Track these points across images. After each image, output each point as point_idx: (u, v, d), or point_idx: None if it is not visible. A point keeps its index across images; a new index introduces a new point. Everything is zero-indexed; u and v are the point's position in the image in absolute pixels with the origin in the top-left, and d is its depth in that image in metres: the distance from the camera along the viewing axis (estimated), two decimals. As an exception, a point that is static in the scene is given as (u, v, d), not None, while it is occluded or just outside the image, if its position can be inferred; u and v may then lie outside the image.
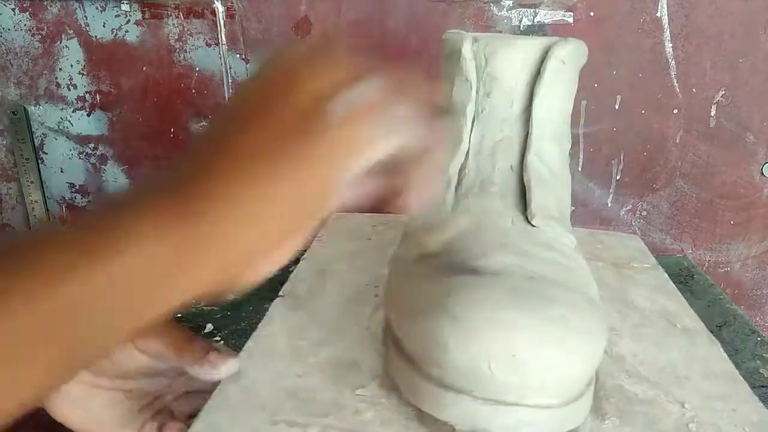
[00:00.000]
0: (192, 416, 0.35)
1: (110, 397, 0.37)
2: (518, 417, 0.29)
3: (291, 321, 0.43)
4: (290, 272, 0.50)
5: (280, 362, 0.38)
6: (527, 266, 0.34)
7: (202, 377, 0.34)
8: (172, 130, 0.76)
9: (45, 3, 0.72)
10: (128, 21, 0.72)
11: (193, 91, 0.74)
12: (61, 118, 0.77)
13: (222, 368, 0.34)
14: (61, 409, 0.36)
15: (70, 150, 0.78)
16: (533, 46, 0.41)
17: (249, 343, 0.40)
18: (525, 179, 0.40)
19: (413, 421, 0.32)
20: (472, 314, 0.29)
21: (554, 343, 0.29)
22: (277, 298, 0.45)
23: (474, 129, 0.42)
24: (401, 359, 0.33)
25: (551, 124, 0.42)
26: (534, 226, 0.38)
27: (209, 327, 0.63)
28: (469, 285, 0.31)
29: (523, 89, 0.42)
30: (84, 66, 0.74)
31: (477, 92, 0.41)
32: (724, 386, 0.37)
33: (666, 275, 0.52)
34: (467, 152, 0.41)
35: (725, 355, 0.41)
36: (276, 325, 0.42)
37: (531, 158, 0.41)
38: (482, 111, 0.41)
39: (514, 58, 0.41)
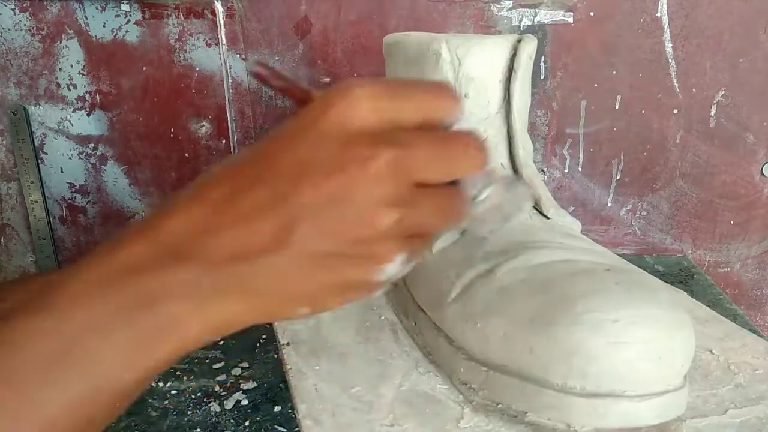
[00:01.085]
0: None
1: None
2: (666, 402, 0.30)
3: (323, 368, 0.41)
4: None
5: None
6: (585, 258, 0.36)
7: None
8: (172, 130, 0.76)
9: (45, 3, 0.72)
10: (128, 21, 0.72)
11: (193, 91, 0.74)
12: (61, 118, 0.77)
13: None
14: None
15: (70, 150, 0.78)
16: (501, 44, 0.42)
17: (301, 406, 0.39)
18: (525, 175, 0.41)
19: None
20: (610, 316, 0.29)
21: (682, 328, 0.30)
22: (286, 347, 0.43)
23: None
24: (508, 377, 0.32)
25: (523, 117, 0.43)
26: (548, 218, 0.41)
27: (209, 327, 0.63)
28: (580, 290, 0.31)
29: (497, 87, 0.42)
30: (84, 66, 0.74)
31: None
32: (722, 328, 0.43)
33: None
34: None
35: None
36: (311, 378, 0.38)
37: (521, 153, 0.42)
38: (461, 113, 0.41)
39: (487, 58, 0.42)
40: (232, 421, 0.47)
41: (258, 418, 0.47)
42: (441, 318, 0.37)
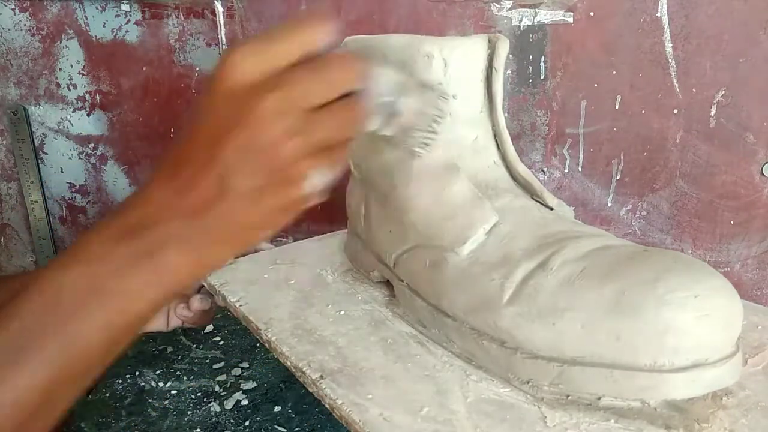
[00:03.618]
0: None
1: None
2: (735, 362, 0.32)
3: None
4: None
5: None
6: (616, 242, 0.38)
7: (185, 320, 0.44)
8: (172, 130, 0.76)
9: (45, 3, 0.72)
10: (128, 21, 0.72)
11: (193, 91, 0.74)
12: (61, 118, 0.77)
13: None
14: None
15: (70, 150, 0.78)
16: (479, 44, 0.42)
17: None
18: (521, 171, 0.43)
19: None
20: (691, 292, 0.31)
21: (736, 293, 0.33)
22: (322, 380, 0.39)
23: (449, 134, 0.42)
24: (588, 367, 0.33)
25: (503, 113, 0.44)
26: (552, 209, 0.42)
27: (209, 327, 0.63)
28: (651, 273, 0.33)
29: (480, 87, 0.43)
30: (84, 66, 0.74)
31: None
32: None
33: None
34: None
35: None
36: (372, 408, 0.35)
37: (511, 151, 0.43)
38: (450, 114, 0.42)
39: (470, 58, 0.42)
40: (232, 421, 0.47)
41: (258, 418, 0.47)
42: (492, 321, 0.36)
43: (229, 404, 0.49)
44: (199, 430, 0.47)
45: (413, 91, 0.31)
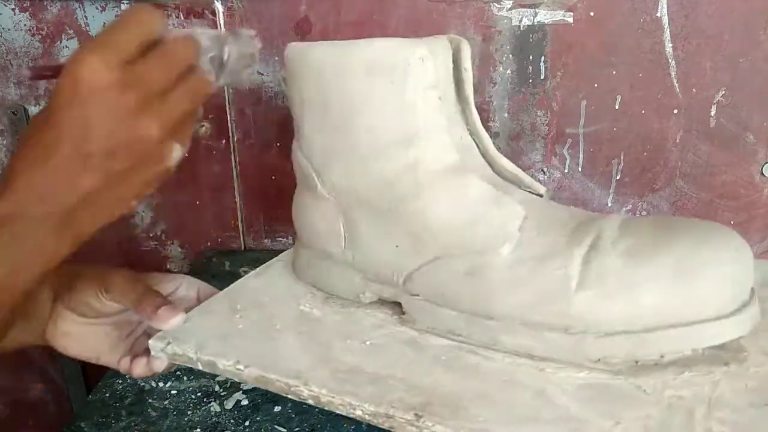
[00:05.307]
0: None
1: (99, 330, 0.45)
2: (757, 306, 0.37)
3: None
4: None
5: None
6: (625, 216, 0.42)
7: (155, 326, 0.42)
8: (172, 130, 0.76)
9: (45, 3, 0.72)
10: (128, 21, 0.72)
11: (193, 91, 0.74)
12: (61, 118, 0.77)
13: (170, 322, 0.42)
14: (60, 342, 0.44)
15: (70, 150, 0.78)
16: (446, 45, 0.43)
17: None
18: (506, 164, 0.43)
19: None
20: (732, 246, 0.36)
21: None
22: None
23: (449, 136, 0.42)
24: (661, 331, 0.36)
25: (476, 110, 0.44)
26: (542, 196, 0.44)
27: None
28: (692, 238, 0.37)
29: (452, 88, 0.43)
30: (84, 66, 0.74)
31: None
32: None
33: None
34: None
35: None
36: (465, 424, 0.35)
37: (491, 147, 0.44)
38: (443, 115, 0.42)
39: (445, 58, 0.42)
40: (232, 421, 0.47)
41: (258, 418, 0.47)
42: (560, 311, 0.37)
43: (229, 404, 0.49)
44: (199, 430, 0.47)
45: (229, 39, 0.35)
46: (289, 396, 0.37)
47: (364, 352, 0.40)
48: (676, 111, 0.67)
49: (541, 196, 0.43)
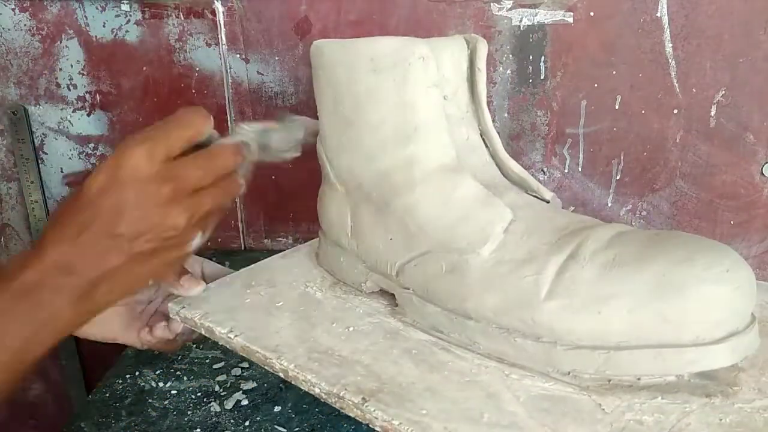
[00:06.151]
0: None
1: (113, 312, 0.47)
2: (756, 334, 0.34)
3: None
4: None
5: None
6: (626, 228, 0.39)
7: (177, 293, 0.45)
8: (172, 130, 0.76)
9: (45, 3, 0.72)
10: (128, 21, 0.72)
11: (193, 91, 0.74)
12: (61, 118, 0.77)
13: (191, 290, 0.45)
14: (82, 328, 0.44)
15: (70, 150, 0.78)
16: (460, 44, 0.43)
17: None
18: (514, 167, 0.43)
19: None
20: (722, 267, 0.33)
21: (749, 267, 0.35)
22: (367, 403, 0.36)
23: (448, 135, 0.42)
24: (635, 350, 0.34)
25: (488, 112, 0.44)
26: (548, 202, 0.43)
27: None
28: (682, 253, 0.34)
29: (463, 87, 0.43)
30: (84, 66, 0.74)
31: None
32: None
33: None
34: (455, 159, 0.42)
35: None
36: (435, 423, 0.35)
37: (501, 148, 0.43)
38: (445, 116, 0.42)
39: (456, 58, 0.42)
40: (232, 421, 0.47)
41: (258, 418, 0.47)
42: (529, 318, 0.36)
43: (229, 404, 0.49)
44: (199, 430, 0.47)
45: (278, 127, 0.41)
46: (266, 367, 0.40)
47: (344, 336, 0.41)
48: (676, 111, 0.67)
49: (547, 201, 0.43)
